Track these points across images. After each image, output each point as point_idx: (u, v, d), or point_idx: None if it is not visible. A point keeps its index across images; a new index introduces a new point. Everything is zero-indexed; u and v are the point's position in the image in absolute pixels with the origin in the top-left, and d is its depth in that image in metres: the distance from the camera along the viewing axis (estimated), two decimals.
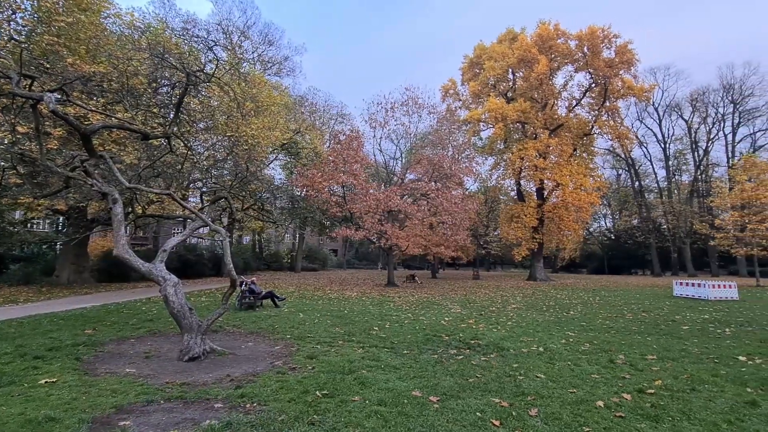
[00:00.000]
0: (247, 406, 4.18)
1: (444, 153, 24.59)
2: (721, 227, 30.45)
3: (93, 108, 9.53)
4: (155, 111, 11.56)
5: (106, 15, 13.24)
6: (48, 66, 9.62)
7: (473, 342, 7.48)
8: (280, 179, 31.72)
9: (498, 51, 31.59)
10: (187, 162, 13.11)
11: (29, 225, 20.52)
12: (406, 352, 6.65)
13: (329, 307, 12.53)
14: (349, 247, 64.68)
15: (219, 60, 9.66)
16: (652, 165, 54.41)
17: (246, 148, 14.75)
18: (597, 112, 31.06)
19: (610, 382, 5.08)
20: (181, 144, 10.66)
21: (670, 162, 52.75)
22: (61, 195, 11.55)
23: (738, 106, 48.22)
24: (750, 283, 27.53)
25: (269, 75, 27.12)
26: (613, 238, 58.90)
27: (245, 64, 18.47)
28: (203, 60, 11.21)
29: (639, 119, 51.81)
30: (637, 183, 53.71)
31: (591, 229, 59.45)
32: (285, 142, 21.87)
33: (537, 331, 8.77)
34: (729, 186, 32.85)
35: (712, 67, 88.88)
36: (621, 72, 29.09)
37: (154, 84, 11.85)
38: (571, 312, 12.35)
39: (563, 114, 32.27)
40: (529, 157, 28.36)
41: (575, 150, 31.21)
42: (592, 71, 29.47)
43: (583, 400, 4.40)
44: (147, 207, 14.28)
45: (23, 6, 11.16)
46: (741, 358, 6.37)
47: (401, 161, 26.64)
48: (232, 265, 6.81)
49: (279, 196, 24.74)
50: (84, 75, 9.84)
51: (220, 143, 16.34)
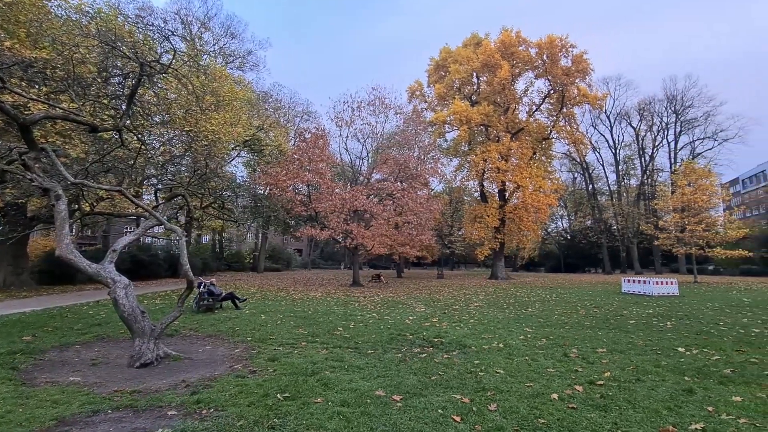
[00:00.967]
0: (204, 412, 4.01)
1: (410, 153, 24.81)
2: (664, 228, 32.77)
3: (34, 97, 8.78)
4: (105, 102, 10.83)
5: None
6: None
7: (436, 340, 7.59)
8: (242, 177, 30.78)
9: (463, 55, 32.35)
10: (141, 157, 12.41)
11: None
12: (370, 351, 6.64)
13: (293, 308, 12.29)
14: (315, 247, 63.84)
15: (177, 51, 9.19)
16: (604, 169, 57.87)
17: (205, 143, 14.16)
18: (555, 117, 32.52)
19: (564, 375, 5.32)
20: (134, 138, 10.07)
21: (620, 167, 56.28)
22: None
23: (680, 116, 52.18)
24: (689, 280, 29.86)
25: (231, 69, 26.22)
26: (569, 238, 61.98)
27: (205, 56, 17.74)
28: (159, 50, 10.63)
29: (593, 126, 54.86)
30: (591, 186, 56.88)
31: (549, 230, 62.23)
32: (248, 138, 21.23)
33: (498, 328, 9.03)
34: (671, 190, 35.42)
35: (657, 79, 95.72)
36: (577, 80, 30.64)
37: (104, 73, 11.11)
38: (530, 309, 12.83)
39: (524, 118, 33.54)
40: (492, 160, 29.24)
41: (535, 153, 32.51)
42: (550, 78, 30.82)
43: (540, 393, 4.57)
44: (95, 204, 13.38)
45: None
46: (680, 349, 6.87)
47: (367, 161, 26.60)
48: (188, 266, 6.51)
49: (241, 194, 24.00)
50: (24, 60, 9.06)
51: (177, 138, 15.60)
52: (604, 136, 56.04)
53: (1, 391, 4.55)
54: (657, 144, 53.98)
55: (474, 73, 33.35)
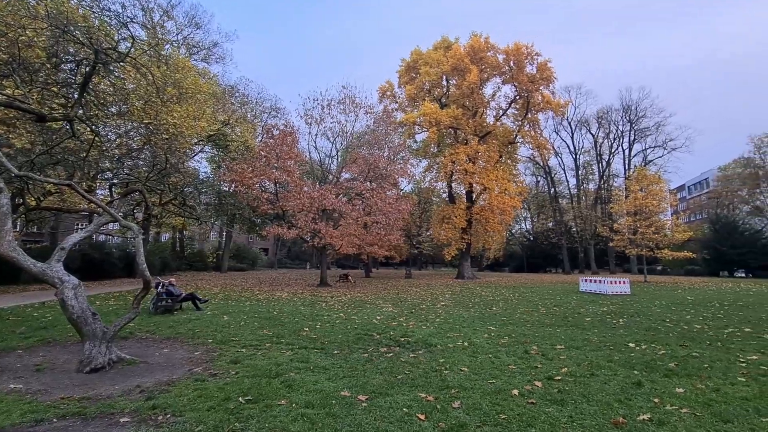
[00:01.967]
0: (159, 418, 3.83)
1: (380, 153, 24.84)
2: (618, 230, 34.69)
3: None
4: (55, 90, 10.11)
5: None
6: None
7: (403, 339, 7.64)
8: (205, 173, 29.68)
9: (433, 57, 32.78)
10: (94, 149, 11.67)
11: None
12: (336, 352, 6.59)
13: (257, 309, 11.99)
14: (281, 247, 62.66)
15: (136, 39, 8.71)
16: (565, 173, 60.62)
17: (166, 137, 13.52)
18: (520, 122, 33.62)
19: (524, 371, 5.50)
20: (87, 129, 9.46)
21: (579, 171, 59.09)
22: None
23: (634, 125, 55.48)
24: (640, 280, 31.76)
25: (196, 60, 25.22)
26: (532, 239, 64.29)
27: (168, 46, 16.92)
28: (117, 37, 10.04)
29: (555, 132, 57.29)
30: (553, 189, 59.33)
31: (513, 231, 64.23)
32: (212, 133, 20.50)
33: (463, 327, 9.21)
34: (625, 194, 37.53)
35: (615, 89, 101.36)
36: (541, 87, 31.81)
37: (54, 59, 10.36)
38: (494, 308, 13.19)
39: (491, 122, 34.44)
40: (460, 162, 29.82)
41: (501, 156, 33.47)
42: (516, 84, 31.83)
43: (501, 389, 4.70)
44: (42, 199, 12.46)
45: None
46: (631, 344, 7.28)
47: (337, 159, 26.41)
48: (145, 265, 6.20)
49: (204, 190, 23.10)
50: None
51: (135, 131, 14.82)
52: (565, 141, 58.77)
53: None
54: (613, 151, 57.18)
55: (444, 76, 33.88)
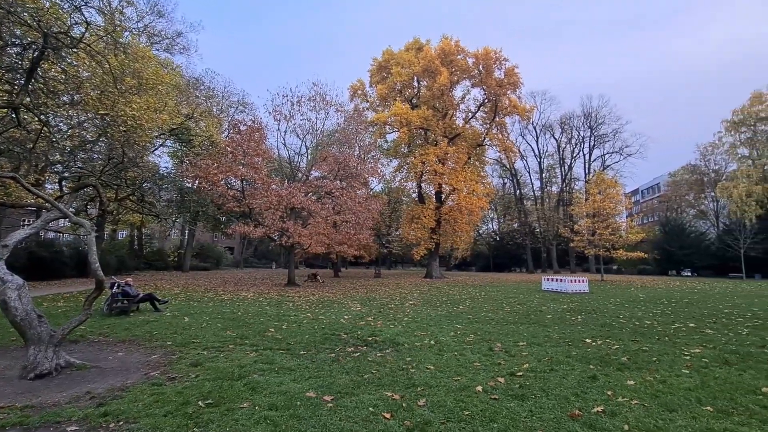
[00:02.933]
0: (111, 425, 3.62)
1: (351, 152, 24.73)
2: (578, 231, 36.30)
3: None
4: None
5: None
6: None
7: (371, 339, 7.63)
8: (166, 168, 28.41)
9: (405, 58, 32.97)
10: (43, 140, 10.90)
11: None
12: (302, 352, 6.49)
13: (220, 309, 11.62)
14: (248, 245, 61.06)
15: (90, 24, 8.18)
16: (529, 176, 62.81)
17: (124, 129, 12.83)
18: (488, 125, 34.46)
19: (488, 368, 5.63)
20: (35, 118, 8.81)
21: (543, 174, 61.34)
22: None
23: (594, 131, 58.26)
24: (597, 278, 33.38)
25: (158, 50, 24.03)
26: (498, 239, 66.12)
27: (127, 33, 16.01)
28: (69, 21, 9.41)
29: (521, 135, 59.21)
30: (518, 191, 61.38)
31: (480, 231, 65.80)
32: (175, 127, 19.62)
33: (430, 326, 9.33)
34: (585, 197, 39.32)
35: (577, 97, 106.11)
36: (509, 92, 32.74)
37: None
38: (461, 306, 13.44)
39: (460, 124, 35.08)
40: (430, 162, 30.18)
41: (469, 158, 34.16)
42: (485, 88, 32.59)
43: (466, 386, 4.79)
44: None
45: None
46: (588, 340, 7.63)
47: (307, 157, 26.00)
48: (98, 264, 5.84)
49: (165, 186, 22.11)
50: None
51: (90, 122, 13.97)
52: (530, 145, 60.83)
53: None
54: (575, 155, 59.82)
55: (415, 77, 34.17)
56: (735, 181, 44.43)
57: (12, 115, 8.83)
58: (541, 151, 60.62)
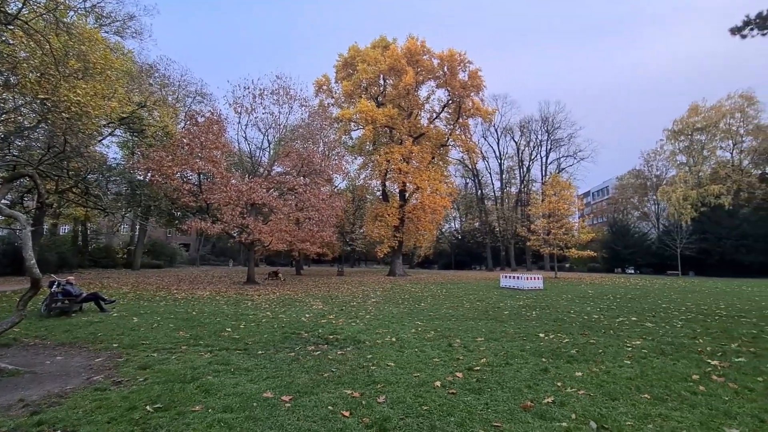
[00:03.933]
0: None
1: (315, 148, 24.33)
2: (535, 231, 37.89)
3: None
4: None
5: None
6: None
7: (332, 337, 7.56)
8: (115, 159, 26.67)
9: (371, 56, 32.90)
10: None
11: None
12: (261, 352, 6.31)
13: (174, 309, 11.07)
14: (205, 242, 58.66)
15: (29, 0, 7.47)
16: (490, 177, 64.80)
17: (67, 116, 11.87)
18: (452, 126, 35.16)
19: (447, 364, 5.74)
20: None
21: (503, 175, 63.53)
22: None
23: (551, 135, 61.06)
24: (551, 276, 35.03)
25: (107, 33, 22.37)
26: (460, 237, 67.73)
27: (72, 13, 14.78)
28: None
29: (483, 137, 60.91)
30: (480, 191, 63.15)
31: (443, 230, 67.11)
32: (125, 115, 18.43)
33: (392, 323, 9.38)
34: (541, 198, 41.11)
35: (535, 101, 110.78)
36: (472, 94, 33.54)
37: None
38: (422, 304, 13.63)
39: (425, 124, 35.53)
40: (395, 161, 30.35)
41: (433, 158, 34.70)
42: (450, 89, 33.20)
43: (425, 382, 4.86)
44: None
45: None
46: (541, 335, 7.98)
47: (269, 152, 25.26)
48: (33, 261, 5.37)
49: (113, 178, 20.71)
50: None
51: (28, 106, 12.82)
52: (492, 147, 62.76)
53: None
54: (533, 158, 62.43)
55: (381, 75, 34.20)
56: (674, 186, 48.15)
57: None
58: (502, 153, 62.80)
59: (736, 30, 10.63)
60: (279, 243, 20.43)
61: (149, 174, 21.30)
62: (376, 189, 39.95)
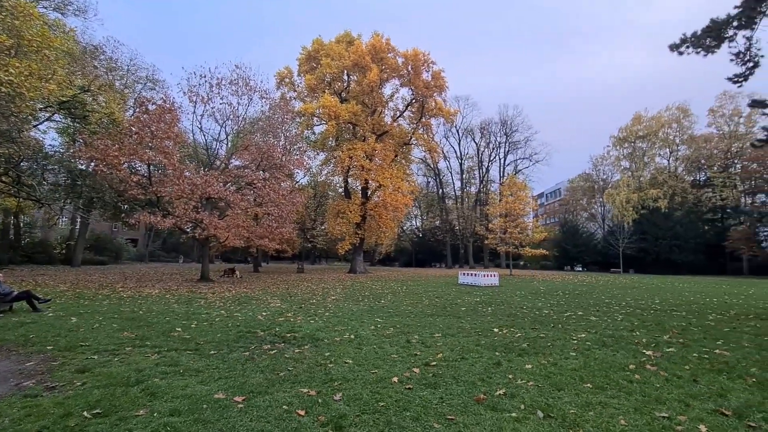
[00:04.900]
0: None
1: (275, 142, 23.68)
2: (492, 230, 39.27)
3: None
4: None
5: None
6: None
7: (289, 335, 7.42)
8: (53, 146, 24.53)
9: (335, 50, 32.48)
10: None
11: None
12: (213, 352, 6.07)
13: (118, 309, 10.39)
14: (155, 237, 55.55)
15: None
16: (451, 176, 66.33)
17: None
18: (415, 125, 35.52)
19: (405, 360, 5.81)
20: None
21: (464, 175, 65.26)
22: None
23: (509, 137, 63.40)
24: (506, 273, 36.46)
25: (45, 8, 20.46)
26: (421, 235, 68.82)
27: None
28: None
29: (445, 137, 62.23)
30: (441, 191, 64.45)
31: (404, 228, 67.86)
32: (65, 99, 16.98)
33: (351, 320, 9.35)
34: (499, 198, 42.64)
35: (495, 104, 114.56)
36: (435, 94, 34.02)
37: None
38: (382, 301, 13.71)
39: (389, 122, 35.64)
40: (357, 158, 30.22)
41: (396, 156, 34.89)
42: (413, 89, 33.47)
43: (382, 378, 4.88)
44: None
45: None
46: (495, 329, 8.28)
47: (226, 144, 24.26)
48: None
49: (50, 167, 19.03)
50: None
51: None
52: (453, 147, 64.24)
53: None
54: (492, 159, 64.63)
55: (345, 71, 33.87)
56: (618, 189, 51.68)
57: None
58: (463, 154, 64.49)
59: (674, 47, 11.53)
60: (236, 239, 19.72)
61: (92, 163, 19.79)
62: (338, 185, 39.66)
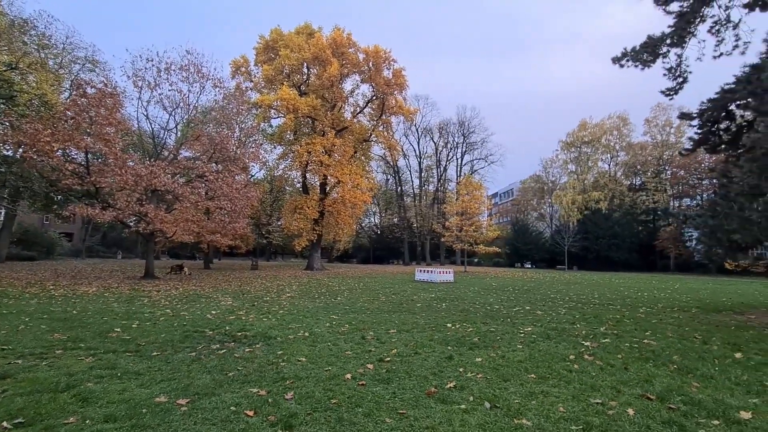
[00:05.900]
0: None
1: (229, 133, 22.68)
2: (449, 228, 40.27)
3: None
4: None
5: None
6: None
7: (240, 334, 7.17)
8: None
9: (295, 41, 31.66)
10: None
11: None
12: (156, 353, 5.72)
13: (48, 308, 9.53)
14: (93, 231, 51.48)
15: None
16: (410, 174, 67.24)
17: None
18: (375, 122, 35.53)
19: (359, 356, 5.81)
20: None
21: (422, 174, 66.33)
22: None
23: (466, 138, 65.22)
24: (461, 270, 37.57)
25: None
26: (379, 232, 69.18)
27: None
28: None
29: (405, 135, 62.86)
30: (399, 188, 65.12)
31: (363, 224, 67.86)
32: None
33: (306, 318, 9.21)
34: (456, 197, 43.81)
35: (453, 105, 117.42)
36: (395, 92, 34.18)
37: None
38: (339, 298, 13.63)
39: (348, 118, 35.37)
40: (316, 153, 29.74)
41: (356, 152, 34.70)
42: (374, 85, 33.42)
43: (336, 375, 4.85)
44: None
45: None
46: (449, 325, 8.50)
47: (176, 134, 22.90)
48: None
49: None
50: None
51: None
52: (412, 146, 65.09)
53: None
54: (449, 158, 66.20)
55: (305, 64, 33.15)
56: (565, 191, 54.95)
57: None
58: (422, 152, 65.50)
59: (616, 59, 12.39)
60: (184, 234, 18.70)
61: (20, 149, 17.95)
62: (295, 180, 38.81)
